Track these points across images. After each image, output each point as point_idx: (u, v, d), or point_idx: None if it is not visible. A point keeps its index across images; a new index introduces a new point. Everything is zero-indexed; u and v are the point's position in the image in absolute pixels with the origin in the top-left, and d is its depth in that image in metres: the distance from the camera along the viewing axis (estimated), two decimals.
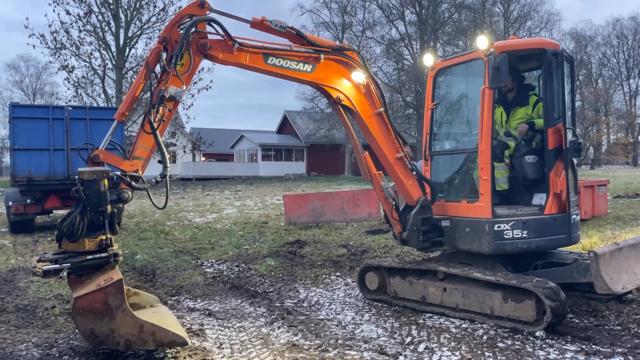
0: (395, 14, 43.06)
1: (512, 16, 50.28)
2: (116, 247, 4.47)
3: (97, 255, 4.32)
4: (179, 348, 4.77)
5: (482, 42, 5.41)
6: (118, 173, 4.50)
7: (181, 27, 4.87)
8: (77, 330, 4.50)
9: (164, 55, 4.79)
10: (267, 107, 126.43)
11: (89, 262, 4.29)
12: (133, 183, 4.57)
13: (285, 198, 14.50)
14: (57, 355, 4.69)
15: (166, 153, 4.77)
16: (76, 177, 4.30)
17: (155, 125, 4.65)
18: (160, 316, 4.81)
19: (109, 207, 4.35)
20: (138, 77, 4.82)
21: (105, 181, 4.31)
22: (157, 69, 4.87)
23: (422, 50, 40.55)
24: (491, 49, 5.28)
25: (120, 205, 4.50)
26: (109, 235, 4.39)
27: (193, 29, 4.83)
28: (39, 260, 4.28)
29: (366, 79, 5.71)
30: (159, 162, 4.78)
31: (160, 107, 4.69)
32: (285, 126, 55.19)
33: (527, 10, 49.85)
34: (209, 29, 5.00)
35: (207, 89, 32.32)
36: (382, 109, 5.80)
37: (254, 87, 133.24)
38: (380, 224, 12.81)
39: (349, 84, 5.66)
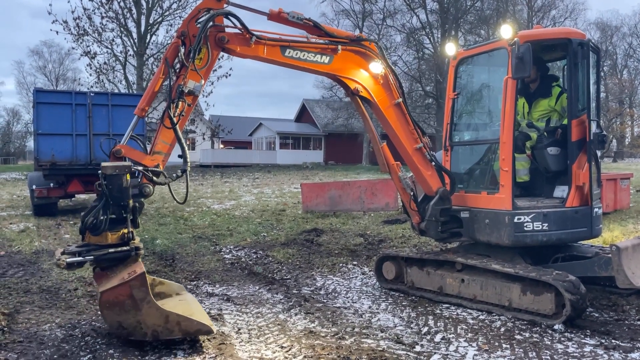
0: (416, 2, 42.48)
1: (536, 5, 49.30)
2: (138, 241, 4.56)
3: (119, 249, 4.42)
4: None
5: (506, 31, 5.32)
6: (140, 168, 4.56)
7: (199, 21, 4.87)
8: (104, 321, 4.64)
9: (182, 49, 4.80)
10: (286, 96, 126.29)
11: (111, 256, 4.40)
12: (154, 178, 4.64)
13: (303, 186, 14.54)
14: (79, 336, 4.81)
15: (186, 147, 4.81)
16: (99, 171, 4.37)
17: (174, 120, 4.68)
18: (185, 305, 4.89)
19: (130, 202, 4.42)
20: (157, 72, 4.85)
21: (128, 176, 4.39)
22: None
23: (443, 39, 40.06)
24: (515, 39, 5.19)
25: (142, 200, 4.59)
26: (130, 229, 4.48)
27: (210, 23, 4.83)
28: (63, 253, 4.40)
29: (384, 69, 5.67)
30: (179, 156, 4.84)
31: (180, 102, 4.71)
32: (303, 115, 55.14)
33: None
34: (226, 22, 5.01)
35: (226, 77, 32.35)
36: (400, 100, 5.75)
37: (273, 75, 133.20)
38: (398, 213, 12.78)
39: (367, 75, 5.63)
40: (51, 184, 12.99)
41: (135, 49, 32.34)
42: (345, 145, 47.70)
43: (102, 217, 4.33)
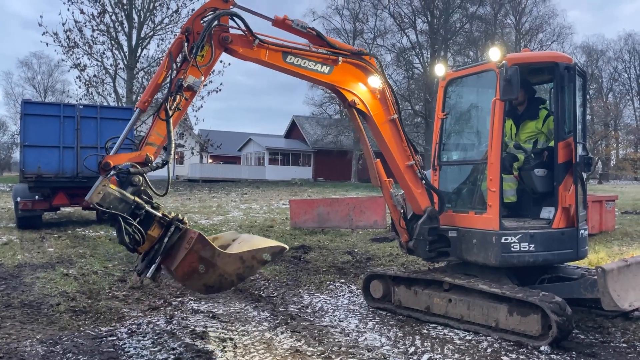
0: (406, 23, 43.18)
1: (523, 28, 50.30)
2: (173, 214, 4.62)
3: (168, 234, 4.52)
4: (182, 349, 4.78)
5: (495, 53, 5.41)
6: (113, 172, 4.46)
7: (204, 19, 4.94)
8: (190, 291, 4.70)
9: (186, 45, 4.85)
10: (276, 111, 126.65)
11: (169, 244, 4.50)
12: (132, 169, 4.55)
13: (291, 203, 14.52)
14: (61, 352, 4.71)
15: (173, 142, 4.78)
16: (90, 205, 4.38)
17: (170, 112, 4.70)
18: (247, 242, 5.01)
19: (136, 199, 4.45)
20: (161, 65, 4.90)
21: (112, 186, 4.38)
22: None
23: (432, 59, 40.61)
24: (503, 61, 5.27)
25: (142, 187, 4.58)
26: (159, 214, 4.52)
27: (215, 22, 4.90)
28: (138, 274, 4.56)
29: (382, 84, 5.74)
30: (164, 148, 4.79)
31: (177, 96, 4.73)
32: (293, 131, 55.29)
33: (539, 22, 49.91)
34: (231, 23, 5.07)
35: (216, 92, 32.39)
36: (396, 116, 5.81)
37: (263, 90, 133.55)
38: (386, 231, 12.79)
39: (365, 89, 5.69)
40: (36, 197, 12.86)
41: (125, 62, 32.34)
42: (335, 162, 47.84)
43: (133, 232, 4.38)
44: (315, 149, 49.33)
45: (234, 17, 5.02)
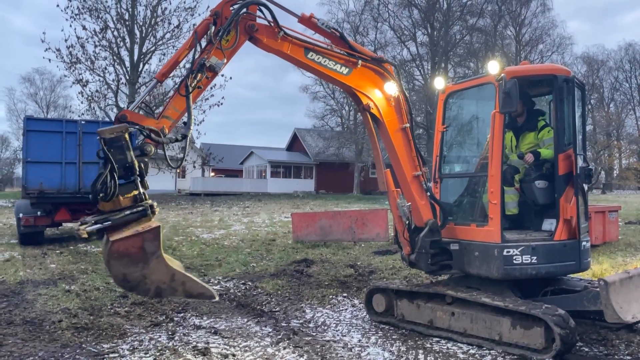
0: (407, 35, 43.46)
1: (523, 39, 50.50)
2: (150, 201, 4.52)
3: (135, 210, 4.40)
4: None
5: (494, 67, 5.44)
6: (137, 127, 4.56)
7: (233, 6, 5.06)
8: (109, 271, 4.51)
9: (213, 28, 4.96)
10: (277, 124, 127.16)
11: (128, 217, 4.37)
12: (152, 136, 4.63)
13: (293, 216, 14.50)
14: None
15: (193, 116, 4.87)
16: (97, 138, 4.35)
17: (190, 89, 4.77)
18: (188, 273, 4.86)
19: (135, 162, 4.41)
20: (184, 43, 5.04)
21: (127, 136, 4.37)
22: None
23: (433, 71, 40.80)
24: (502, 74, 5.30)
25: (145, 159, 4.57)
26: (141, 190, 4.46)
27: (244, 10, 5.03)
28: (81, 224, 4.32)
29: (398, 92, 5.81)
30: (184, 123, 4.87)
31: (199, 74, 4.83)
32: (294, 143, 55.42)
33: (538, 33, 50.11)
34: (258, 13, 5.19)
35: (218, 105, 32.58)
36: (408, 125, 5.88)
37: (264, 104, 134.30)
38: (389, 244, 12.75)
39: (381, 95, 5.78)
40: (38, 212, 12.86)
41: (127, 78, 32.54)
42: (337, 174, 47.87)
43: (110, 182, 4.31)
44: (317, 162, 49.40)
45: (262, 7, 5.17)
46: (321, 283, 8.67)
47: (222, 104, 32.80)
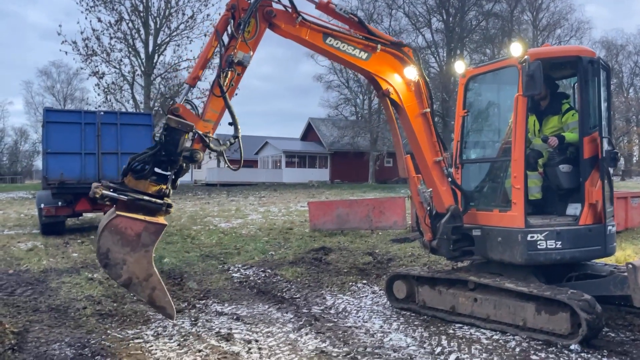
0: (422, 22, 43.01)
1: (541, 24, 49.74)
2: (169, 201, 4.58)
3: (153, 200, 4.45)
4: (209, 351, 4.80)
5: (516, 49, 5.34)
6: (200, 132, 4.66)
7: None
8: (96, 239, 4.53)
9: (232, 22, 4.97)
10: (291, 114, 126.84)
11: (144, 203, 4.42)
12: (212, 145, 4.75)
13: (310, 205, 14.51)
14: (89, 355, 4.76)
15: (235, 115, 4.93)
16: (163, 122, 4.46)
17: (224, 89, 4.82)
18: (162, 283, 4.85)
19: (180, 160, 4.50)
20: (208, 42, 5.08)
21: (187, 135, 4.48)
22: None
23: (448, 58, 40.36)
24: (526, 56, 5.20)
25: (189, 164, 4.65)
26: (169, 187, 4.53)
27: None
28: (99, 185, 4.37)
29: (418, 77, 5.73)
30: (230, 124, 4.96)
31: (229, 72, 4.84)
32: (309, 133, 55.34)
33: (556, 18, 49.32)
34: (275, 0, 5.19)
35: (234, 96, 32.60)
36: (428, 110, 5.80)
37: (279, 94, 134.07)
38: (406, 232, 12.71)
39: (400, 80, 5.70)
40: (59, 203, 13.02)
41: (142, 69, 32.75)
42: (351, 163, 47.74)
43: (149, 163, 4.39)
44: (332, 151, 49.29)
45: None
46: (340, 270, 8.67)
47: (236, 94, 32.74)
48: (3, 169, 70.78)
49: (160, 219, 4.49)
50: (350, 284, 7.76)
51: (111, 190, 4.36)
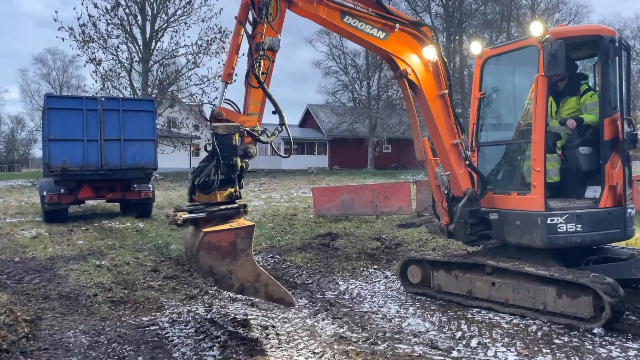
0: (421, 7, 42.66)
1: (539, 8, 49.31)
2: (243, 201, 4.66)
3: (230, 206, 4.56)
4: (227, 337, 4.73)
5: (537, 28, 5.21)
6: (247, 128, 4.68)
7: None
8: (195, 263, 4.60)
9: (252, 9, 4.87)
10: (290, 101, 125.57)
11: (222, 212, 4.52)
12: (262, 138, 4.77)
13: (314, 190, 14.42)
14: (106, 342, 4.69)
15: (277, 102, 4.89)
16: (210, 131, 4.50)
17: (261, 78, 4.76)
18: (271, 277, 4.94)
19: (239, 161, 4.55)
20: (233, 35, 4.97)
21: (237, 136, 4.53)
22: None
23: (448, 43, 40.09)
24: (547, 36, 5.08)
25: (247, 160, 4.70)
26: (237, 189, 4.62)
27: None
28: (177, 210, 4.44)
29: (437, 57, 5.60)
30: (273, 112, 4.94)
31: (262, 60, 4.78)
32: (307, 120, 55.09)
33: (555, 2, 48.94)
34: None
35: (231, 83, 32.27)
36: (446, 91, 5.68)
37: (276, 81, 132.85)
38: (412, 217, 12.66)
39: (418, 61, 5.58)
40: (62, 190, 12.87)
41: (140, 56, 32.35)
42: (350, 150, 47.62)
43: (213, 176, 4.44)
44: (331, 137, 49.14)
45: None
46: (349, 256, 8.60)
47: (235, 80, 32.48)
48: (0, 158, 70.34)
49: (246, 221, 4.58)
50: (362, 269, 7.70)
51: (189, 212, 4.46)
